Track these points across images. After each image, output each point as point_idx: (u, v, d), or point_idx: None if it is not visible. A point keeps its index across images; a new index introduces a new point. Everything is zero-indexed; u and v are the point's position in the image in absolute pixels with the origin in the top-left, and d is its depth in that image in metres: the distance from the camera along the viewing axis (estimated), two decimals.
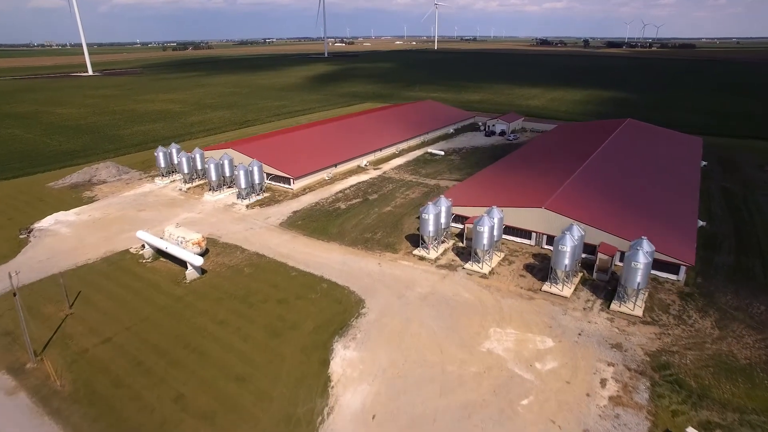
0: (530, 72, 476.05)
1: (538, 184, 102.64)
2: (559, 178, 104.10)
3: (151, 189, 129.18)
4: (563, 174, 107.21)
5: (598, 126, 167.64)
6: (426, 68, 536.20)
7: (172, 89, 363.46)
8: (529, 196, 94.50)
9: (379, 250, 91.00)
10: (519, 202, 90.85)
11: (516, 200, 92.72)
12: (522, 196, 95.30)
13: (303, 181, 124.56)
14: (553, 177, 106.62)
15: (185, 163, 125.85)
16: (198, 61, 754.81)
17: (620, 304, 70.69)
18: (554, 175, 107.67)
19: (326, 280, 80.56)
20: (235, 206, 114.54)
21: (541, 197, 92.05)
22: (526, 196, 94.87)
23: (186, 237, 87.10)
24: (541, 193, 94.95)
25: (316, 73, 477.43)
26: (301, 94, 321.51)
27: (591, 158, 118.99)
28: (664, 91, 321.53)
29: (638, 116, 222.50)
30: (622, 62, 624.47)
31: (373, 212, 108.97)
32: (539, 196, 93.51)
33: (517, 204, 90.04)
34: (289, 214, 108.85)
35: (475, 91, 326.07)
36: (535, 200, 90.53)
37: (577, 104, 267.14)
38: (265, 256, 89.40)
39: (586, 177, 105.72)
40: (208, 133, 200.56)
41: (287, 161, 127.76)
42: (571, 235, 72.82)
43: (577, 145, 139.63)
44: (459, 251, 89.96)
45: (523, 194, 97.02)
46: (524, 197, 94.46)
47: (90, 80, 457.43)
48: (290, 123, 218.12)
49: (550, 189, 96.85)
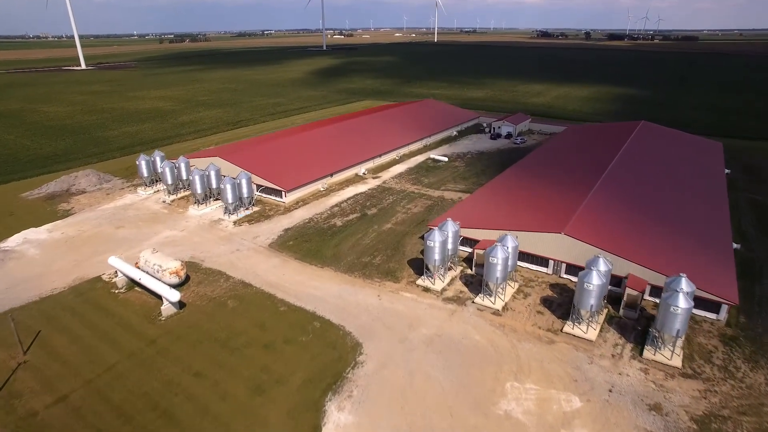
0: (533, 66, 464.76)
1: (554, 202, 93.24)
2: (576, 194, 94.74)
3: (133, 201, 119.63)
4: (580, 189, 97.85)
5: (611, 129, 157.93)
6: (426, 62, 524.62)
7: (165, 85, 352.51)
8: (545, 218, 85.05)
9: (379, 278, 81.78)
10: (534, 226, 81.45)
11: (531, 223, 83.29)
12: (537, 218, 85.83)
13: (296, 193, 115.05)
14: (569, 192, 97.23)
15: (168, 173, 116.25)
16: (194, 54, 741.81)
17: (654, 351, 61.58)
18: (570, 190, 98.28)
19: (319, 317, 71.39)
20: (222, 222, 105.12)
21: (558, 219, 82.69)
22: (541, 218, 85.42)
23: (163, 265, 77.78)
24: (558, 214, 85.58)
25: (313, 68, 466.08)
26: (297, 91, 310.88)
27: (609, 169, 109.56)
28: (671, 88, 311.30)
29: (649, 115, 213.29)
30: (625, 56, 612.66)
31: (371, 230, 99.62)
32: (556, 217, 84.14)
33: (533, 228, 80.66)
34: (279, 233, 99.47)
35: (478, 88, 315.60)
36: (553, 223, 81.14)
37: (585, 102, 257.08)
38: (252, 285, 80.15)
39: (605, 192, 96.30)
40: (198, 134, 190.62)
41: (279, 171, 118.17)
42: (597, 272, 63.58)
43: (590, 153, 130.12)
44: (467, 280, 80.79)
45: (538, 215, 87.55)
46: (540, 219, 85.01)
47: (82, 75, 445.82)
48: (285, 123, 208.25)
49: (567, 208, 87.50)
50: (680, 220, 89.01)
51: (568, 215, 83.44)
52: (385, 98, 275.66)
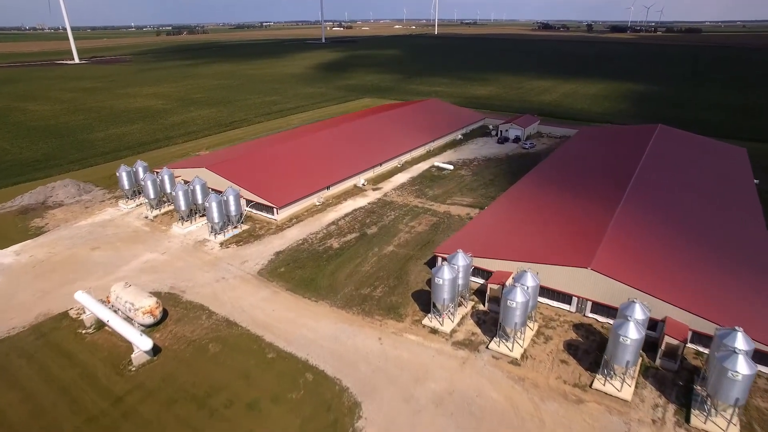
0: (537, 61, 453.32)
1: (575, 224, 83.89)
2: (599, 215, 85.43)
3: (113, 216, 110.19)
4: (602, 208, 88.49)
5: (627, 134, 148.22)
6: (427, 56, 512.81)
7: (158, 81, 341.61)
8: (566, 246, 75.68)
9: (380, 315, 72.60)
10: (556, 257, 72.11)
11: (551, 253, 73.91)
12: (558, 246, 76.44)
13: (289, 209, 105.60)
14: (590, 212, 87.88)
15: (151, 186, 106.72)
16: (191, 47, 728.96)
17: (705, 418, 52.46)
18: (592, 209, 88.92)
19: (312, 367, 62.28)
20: (207, 244, 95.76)
21: (582, 248, 73.38)
22: (562, 246, 76.04)
23: (135, 303, 68.54)
24: (581, 241, 76.28)
25: (312, 63, 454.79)
26: (294, 87, 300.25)
27: (631, 183, 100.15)
28: (680, 83, 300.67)
29: (661, 115, 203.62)
30: (629, 49, 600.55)
31: (371, 254, 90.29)
32: (579, 245, 74.84)
33: (554, 259, 71.32)
34: (270, 257, 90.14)
35: (482, 85, 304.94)
36: (576, 254, 71.82)
37: (594, 100, 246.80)
38: (237, 324, 70.98)
39: (631, 212, 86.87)
40: (188, 137, 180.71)
41: (271, 184, 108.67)
42: (636, 324, 54.38)
43: (608, 162, 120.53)
44: (480, 317, 71.65)
45: (559, 242, 78.15)
46: (561, 248, 75.64)
47: (74, 70, 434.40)
48: (281, 124, 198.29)
49: (590, 233, 78.22)
50: (718, 246, 79.61)
51: (592, 243, 74.10)
52: (386, 96, 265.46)
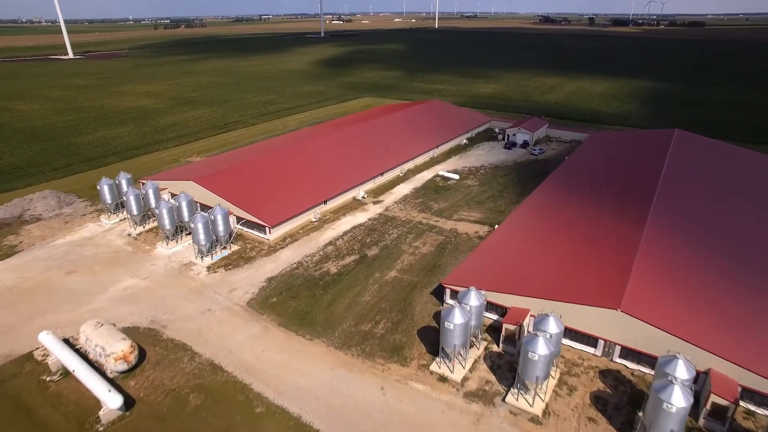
0: (540, 56, 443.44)
1: (597, 250, 75.99)
2: (624, 239, 77.56)
3: (93, 233, 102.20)
4: (628, 230, 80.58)
5: (642, 140, 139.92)
6: (428, 51, 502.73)
7: (153, 78, 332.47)
8: (590, 280, 67.75)
9: (382, 358, 64.83)
10: (579, 294, 64.18)
11: (573, 289, 65.97)
12: (580, 279, 68.49)
13: (283, 227, 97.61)
14: (614, 235, 79.97)
15: (134, 202, 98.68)
16: (188, 41, 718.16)
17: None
18: (615, 232, 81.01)
19: (306, 426, 54.55)
20: (193, 268, 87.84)
21: (608, 282, 65.50)
22: (585, 280, 68.10)
23: (107, 348, 60.75)
24: (606, 272, 68.42)
25: (310, 59, 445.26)
26: (292, 85, 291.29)
27: (655, 199, 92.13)
28: (690, 80, 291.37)
29: (673, 116, 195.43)
30: (634, 43, 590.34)
31: (372, 280, 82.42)
32: (605, 278, 66.97)
33: (578, 298, 63.42)
34: (261, 284, 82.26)
35: (485, 82, 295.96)
36: (603, 290, 63.91)
37: (602, 100, 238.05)
38: (223, 369, 63.23)
39: (660, 234, 78.90)
40: (180, 140, 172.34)
41: (263, 199, 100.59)
42: (682, 388, 46.53)
43: (626, 173, 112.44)
44: (494, 361, 63.92)
45: (581, 272, 70.21)
46: (583, 281, 67.70)
47: (68, 65, 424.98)
48: (276, 126, 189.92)
49: (617, 262, 70.38)
50: (762, 275, 71.56)
51: (620, 275, 66.20)
52: (387, 94, 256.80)
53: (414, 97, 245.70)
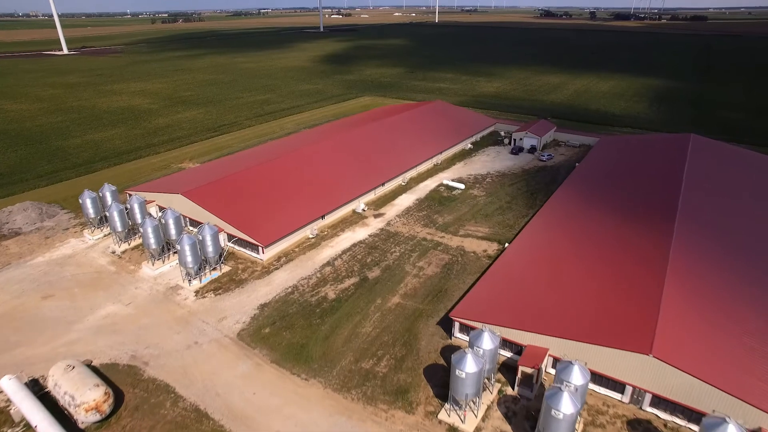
0: (543, 52, 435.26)
1: (620, 276, 69.59)
2: (649, 262, 71.24)
3: (75, 250, 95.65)
4: (653, 254, 74.08)
5: (656, 146, 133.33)
6: (429, 47, 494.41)
7: (147, 76, 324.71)
8: (615, 315, 61.30)
9: (386, 402, 58.49)
10: (605, 334, 57.75)
11: (597, 326, 59.53)
12: (604, 313, 62.04)
13: (277, 246, 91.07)
14: (637, 257, 73.56)
15: (118, 217, 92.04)
16: (186, 36, 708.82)
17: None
18: (639, 253, 74.60)
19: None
20: (180, 292, 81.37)
21: (637, 319, 59.12)
22: (610, 314, 61.67)
23: (77, 397, 54.38)
24: (633, 305, 62.05)
25: (309, 55, 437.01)
26: (289, 84, 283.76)
27: (679, 214, 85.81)
28: (699, 78, 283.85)
29: (684, 117, 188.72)
30: (637, 38, 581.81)
31: (373, 308, 76.02)
32: (632, 313, 60.58)
33: (603, 339, 57.01)
34: (253, 311, 75.84)
35: (488, 80, 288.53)
36: (631, 330, 57.50)
37: (609, 99, 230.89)
38: (208, 416, 56.89)
39: (689, 261, 72.41)
40: (172, 144, 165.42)
41: (256, 214, 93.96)
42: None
43: (643, 183, 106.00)
44: (509, 407, 57.62)
45: (604, 306, 63.69)
46: (608, 316, 61.26)
47: (61, 62, 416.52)
48: (273, 128, 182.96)
49: (644, 292, 64.07)
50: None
51: (649, 313, 59.78)
52: (387, 93, 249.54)
53: (415, 97, 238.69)
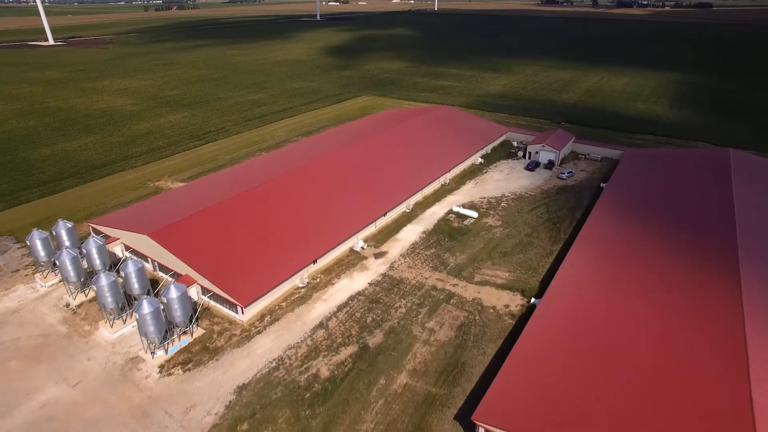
0: (549, 44, 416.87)
1: (690, 357, 55.32)
2: (720, 335, 56.94)
3: (22, 302, 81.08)
4: (723, 315, 59.91)
5: (693, 163, 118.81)
6: (430, 38, 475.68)
7: (133, 71, 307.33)
8: (699, 419, 47.02)
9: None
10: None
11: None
12: (676, 413, 47.74)
13: (261, 302, 76.48)
14: (705, 323, 59.31)
15: (71, 266, 77.30)
16: (178, 26, 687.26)
17: None
18: (705, 318, 60.35)
19: None
20: (142, 366, 67.02)
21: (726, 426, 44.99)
22: (692, 421, 47.37)
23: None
24: (717, 406, 47.79)
25: (303, 48, 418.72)
26: (283, 81, 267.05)
27: (741, 259, 71.47)
28: (719, 72, 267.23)
29: (715, 125, 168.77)
30: (643, 28, 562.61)
31: (375, 392, 61.86)
32: (718, 415, 46.36)
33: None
34: (229, 396, 61.59)
35: (494, 76, 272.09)
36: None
37: (625, 100, 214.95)
38: None
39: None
40: (151, 155, 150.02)
41: (236, 262, 79.27)
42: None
43: (687, 213, 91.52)
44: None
45: (683, 411, 49.42)
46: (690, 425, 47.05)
47: (46, 54, 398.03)
48: (263, 135, 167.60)
49: (727, 385, 49.78)
50: None
51: (738, 410, 45.58)
52: (387, 92, 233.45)
53: (417, 96, 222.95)
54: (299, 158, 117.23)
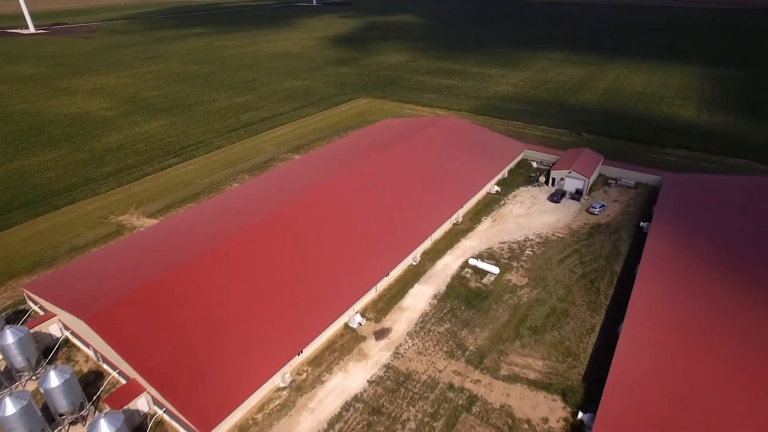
0: (555, 33, 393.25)
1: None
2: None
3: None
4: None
5: (746, 194, 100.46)
6: (432, 26, 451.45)
7: (114, 66, 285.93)
8: None
9: None
10: None
11: None
12: None
13: (231, 418, 58.61)
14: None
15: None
16: (170, 11, 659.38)
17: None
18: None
19: None
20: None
21: None
22: None
23: None
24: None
25: (296, 38, 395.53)
26: (273, 79, 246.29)
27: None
28: (746, 69, 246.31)
29: (759, 137, 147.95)
30: (652, 15, 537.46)
31: None
32: None
33: None
34: None
35: (501, 72, 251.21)
36: None
37: (647, 102, 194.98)
38: None
39: None
40: (119, 178, 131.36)
41: (198, 364, 61.33)
42: None
43: (757, 263, 73.57)
44: None
45: None
46: None
47: (22, 44, 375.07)
48: (248, 151, 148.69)
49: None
50: None
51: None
52: (387, 93, 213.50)
53: (420, 98, 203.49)
54: (282, 193, 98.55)
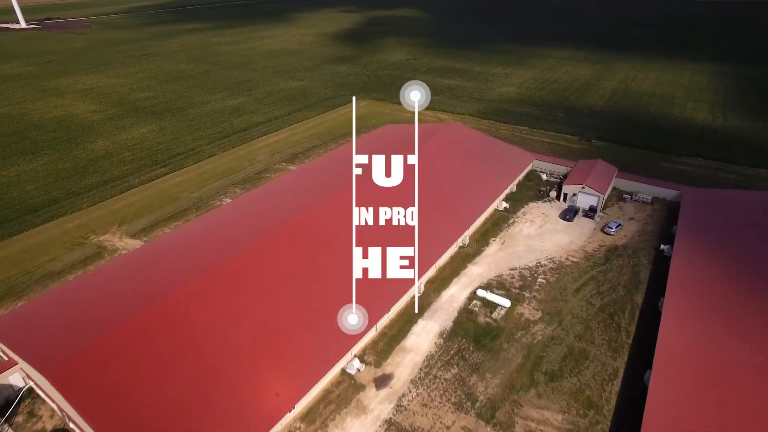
0: (557, 28, 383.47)
1: None
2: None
3: None
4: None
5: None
6: (433, 20, 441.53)
7: (106, 64, 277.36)
8: None
9: None
10: None
11: None
12: None
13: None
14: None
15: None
16: (166, 5, 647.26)
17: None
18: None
19: None
20: None
21: None
22: None
23: None
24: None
25: (294, 34, 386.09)
26: (269, 80, 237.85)
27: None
28: (761, 62, 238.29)
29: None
30: (650, 8, 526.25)
31: None
32: None
33: None
34: None
35: (505, 72, 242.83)
36: None
37: (658, 105, 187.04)
38: None
39: None
40: (102, 191, 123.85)
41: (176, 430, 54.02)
42: None
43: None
44: None
45: None
46: None
47: (12, 40, 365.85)
48: (239, 160, 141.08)
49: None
50: None
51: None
52: (387, 94, 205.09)
53: None
54: (271, 214, 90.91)
